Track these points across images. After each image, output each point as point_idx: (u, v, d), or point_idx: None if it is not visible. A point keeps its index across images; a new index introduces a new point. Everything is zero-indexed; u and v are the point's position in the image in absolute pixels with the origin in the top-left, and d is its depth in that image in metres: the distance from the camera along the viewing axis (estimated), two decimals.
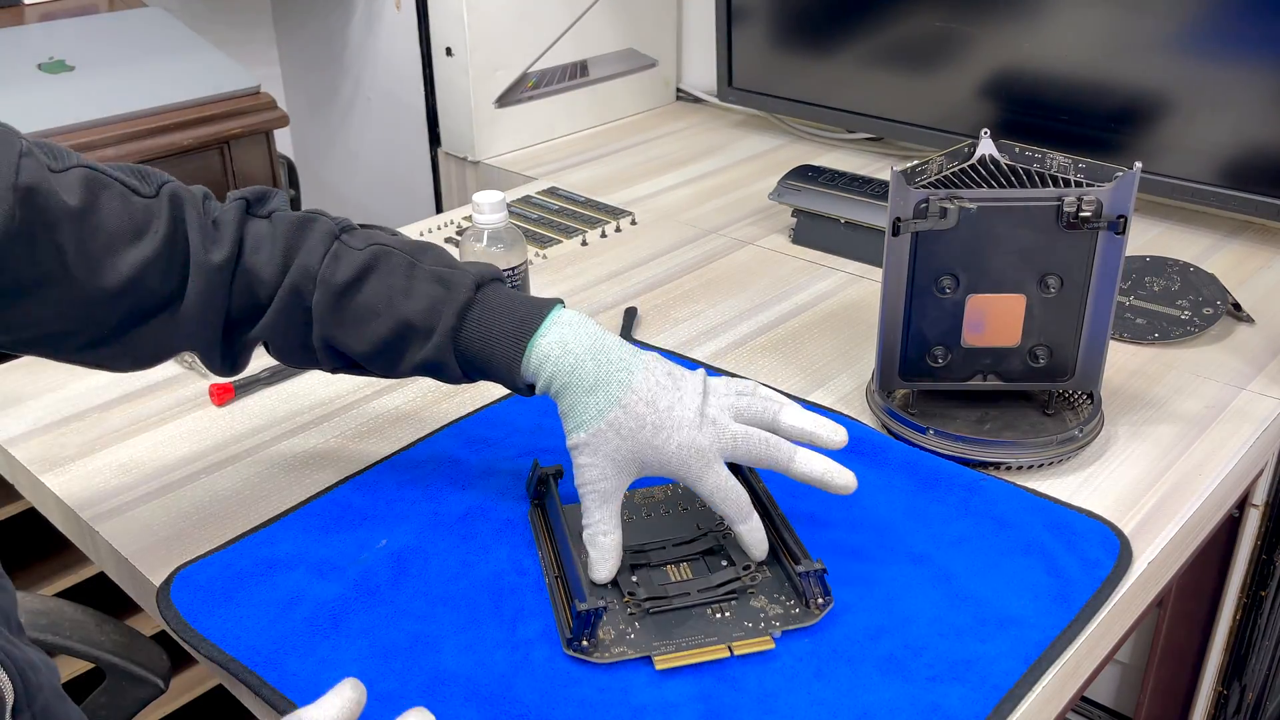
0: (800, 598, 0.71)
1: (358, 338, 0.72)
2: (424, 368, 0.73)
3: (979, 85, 1.36)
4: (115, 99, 1.29)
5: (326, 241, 0.72)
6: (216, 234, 0.71)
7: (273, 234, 0.72)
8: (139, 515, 0.82)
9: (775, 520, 0.74)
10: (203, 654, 0.69)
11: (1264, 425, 0.91)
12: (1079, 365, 0.86)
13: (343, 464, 0.87)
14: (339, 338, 0.72)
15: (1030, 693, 0.65)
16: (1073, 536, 0.77)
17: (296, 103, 1.93)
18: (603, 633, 0.68)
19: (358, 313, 0.72)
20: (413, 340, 0.72)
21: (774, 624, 0.69)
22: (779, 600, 0.71)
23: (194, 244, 0.70)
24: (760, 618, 0.70)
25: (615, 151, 1.60)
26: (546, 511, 0.78)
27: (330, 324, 0.72)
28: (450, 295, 0.71)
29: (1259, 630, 1.18)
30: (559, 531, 0.74)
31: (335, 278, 0.71)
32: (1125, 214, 0.80)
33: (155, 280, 0.69)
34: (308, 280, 0.71)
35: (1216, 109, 1.19)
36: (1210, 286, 1.08)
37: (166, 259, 0.69)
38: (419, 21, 1.55)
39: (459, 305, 0.71)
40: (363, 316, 0.72)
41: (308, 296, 0.72)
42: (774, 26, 1.55)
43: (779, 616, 0.70)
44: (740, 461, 0.71)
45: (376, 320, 0.71)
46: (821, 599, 0.70)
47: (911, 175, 0.84)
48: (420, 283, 0.72)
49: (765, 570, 0.73)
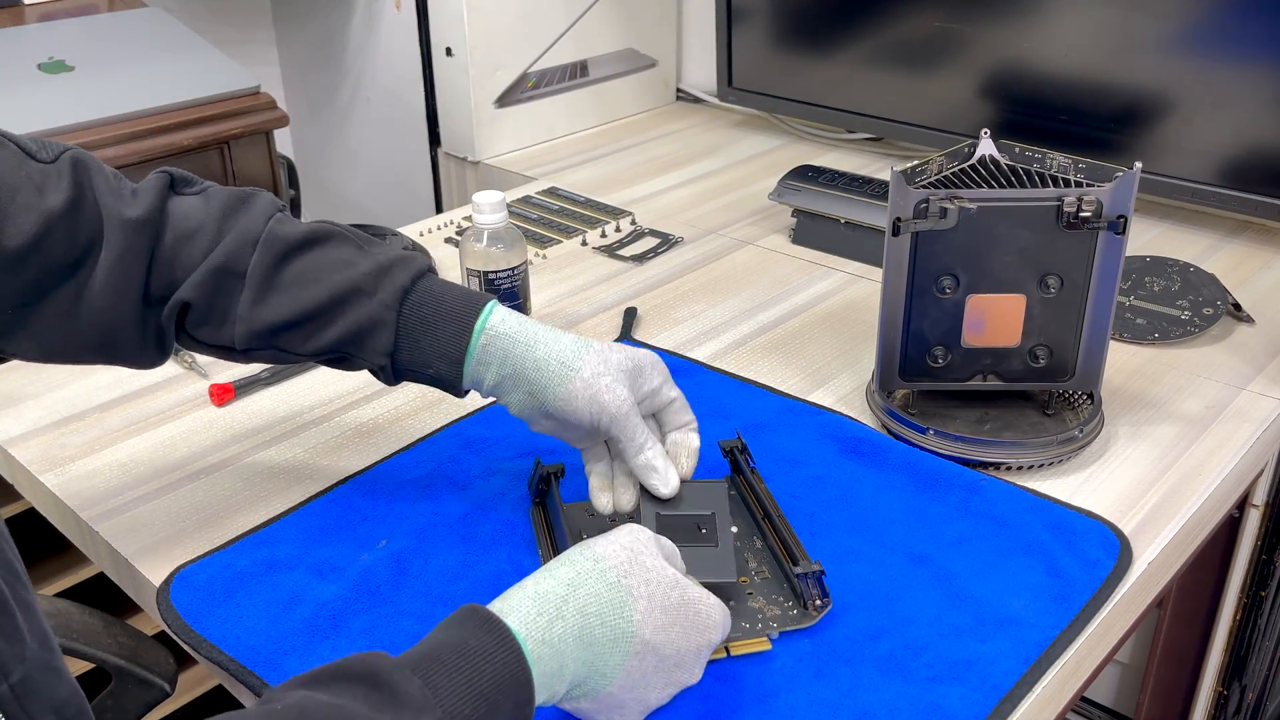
0: (798, 599, 0.71)
1: (290, 302, 0.70)
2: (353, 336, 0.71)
3: (979, 85, 1.36)
4: (115, 99, 1.29)
5: (270, 211, 0.72)
6: (134, 199, 0.70)
7: (206, 206, 0.72)
8: (139, 515, 0.82)
9: (775, 521, 0.74)
10: (202, 654, 0.69)
11: (1264, 425, 0.91)
12: (1079, 365, 0.86)
13: (343, 464, 0.87)
14: (269, 304, 0.70)
15: (1030, 693, 0.65)
16: (1073, 537, 0.77)
17: (296, 103, 1.93)
18: None
19: (296, 277, 0.71)
20: (351, 301, 0.70)
21: (771, 625, 0.69)
22: (777, 601, 0.71)
23: (106, 204, 0.69)
24: (758, 618, 0.69)
25: (615, 151, 1.60)
26: (548, 510, 0.78)
27: (262, 287, 0.70)
28: (403, 264, 0.72)
29: (1259, 630, 1.18)
30: (559, 530, 0.74)
31: (279, 243, 0.71)
32: (1125, 214, 0.80)
33: (60, 242, 0.67)
34: (246, 246, 0.70)
35: (1216, 109, 1.19)
36: (1210, 286, 1.08)
37: (72, 218, 0.67)
38: (419, 21, 1.55)
39: (414, 271, 0.72)
40: (300, 281, 0.71)
41: (244, 260, 0.70)
42: (774, 26, 1.55)
43: (776, 618, 0.70)
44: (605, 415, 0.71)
45: (314, 285, 0.71)
46: (820, 600, 0.70)
47: (911, 175, 0.84)
48: (368, 256, 0.72)
49: (764, 571, 0.73)
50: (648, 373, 0.74)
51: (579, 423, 0.71)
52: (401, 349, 0.71)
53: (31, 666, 0.49)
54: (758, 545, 0.76)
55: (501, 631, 0.55)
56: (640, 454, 0.72)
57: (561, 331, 0.73)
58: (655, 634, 0.59)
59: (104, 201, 0.69)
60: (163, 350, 0.74)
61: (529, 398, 0.72)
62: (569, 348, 0.71)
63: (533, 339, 0.71)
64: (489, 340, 0.71)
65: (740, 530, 0.77)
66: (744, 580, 0.73)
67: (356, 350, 0.71)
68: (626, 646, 0.58)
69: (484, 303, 0.72)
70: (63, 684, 0.50)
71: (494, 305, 0.72)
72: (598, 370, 0.71)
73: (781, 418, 0.91)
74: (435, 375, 0.72)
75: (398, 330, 0.71)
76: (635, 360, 0.73)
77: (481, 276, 0.99)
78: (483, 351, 0.71)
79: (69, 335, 0.70)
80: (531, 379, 0.71)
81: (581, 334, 1.06)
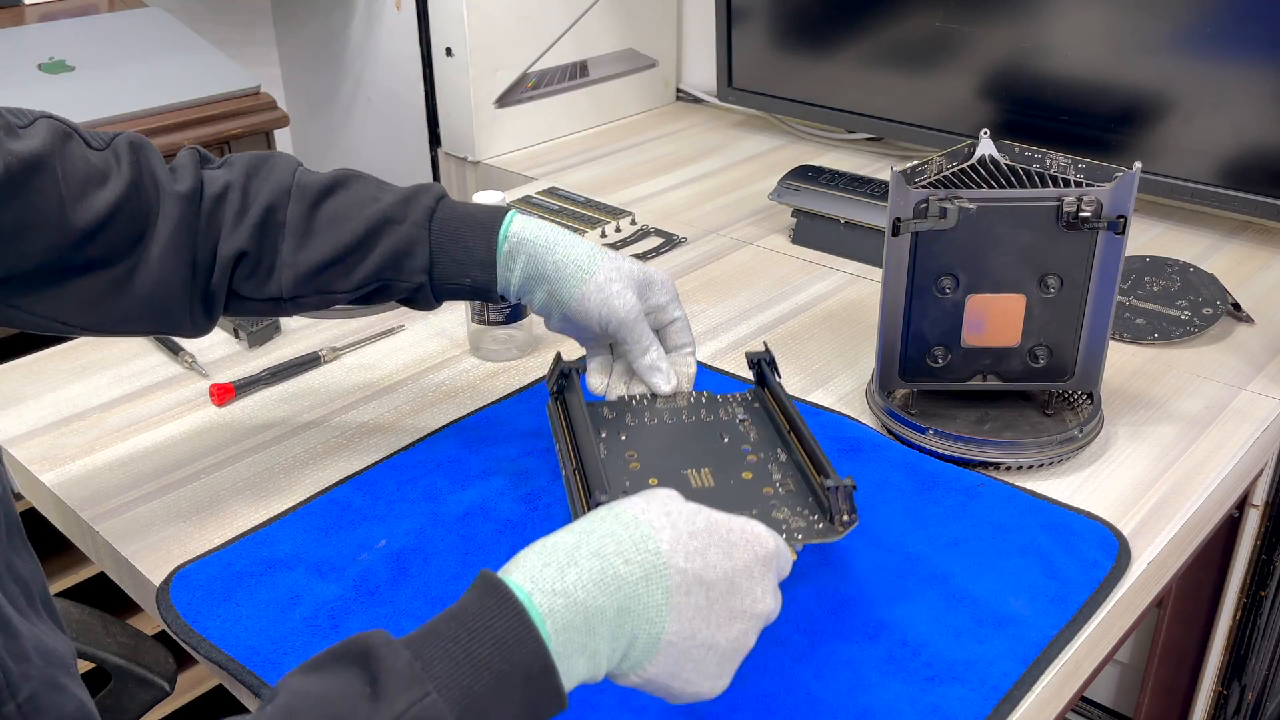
0: (825, 513, 0.68)
1: (330, 241, 0.76)
2: (391, 261, 0.76)
3: (979, 85, 1.36)
4: (115, 99, 1.29)
5: (292, 165, 0.79)
6: (177, 175, 0.76)
7: (230, 173, 0.77)
8: (139, 515, 0.82)
9: (802, 433, 0.74)
10: (202, 654, 0.69)
11: (1264, 425, 0.91)
12: (1079, 365, 0.86)
13: (342, 464, 0.87)
14: (310, 247, 0.76)
15: (1030, 693, 0.65)
16: (1071, 538, 0.77)
17: (296, 103, 1.93)
18: None
19: (331, 218, 0.77)
20: (385, 230, 0.76)
21: (796, 537, 0.67)
22: (801, 514, 0.69)
23: (162, 179, 0.74)
24: (782, 529, 0.67)
25: (615, 151, 1.60)
26: (567, 405, 0.79)
27: (302, 233, 0.76)
28: (424, 190, 0.78)
29: (1259, 630, 1.18)
30: (579, 425, 0.74)
31: (309, 190, 0.77)
32: (1125, 214, 0.80)
33: (126, 221, 0.72)
34: (281, 196, 0.76)
35: (1216, 109, 1.19)
36: (1210, 286, 1.08)
37: (135, 198, 0.72)
38: (419, 21, 1.55)
39: (435, 194, 0.78)
40: (335, 221, 0.77)
41: (282, 211, 0.76)
42: (774, 26, 1.55)
43: (801, 530, 0.67)
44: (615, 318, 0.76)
45: (349, 223, 0.76)
46: (847, 516, 0.67)
47: (911, 175, 0.84)
48: (390, 191, 0.78)
49: (790, 484, 0.72)
50: (656, 288, 0.79)
51: (589, 324, 0.77)
52: (437, 264, 0.77)
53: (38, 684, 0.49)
54: (782, 459, 0.75)
55: (502, 592, 0.50)
56: (645, 355, 0.78)
57: (579, 238, 0.78)
58: (691, 560, 0.53)
59: (160, 179, 0.74)
60: (210, 316, 0.78)
61: (548, 297, 0.78)
62: (585, 253, 0.77)
63: (552, 242, 0.77)
64: (513, 245, 0.77)
65: (763, 440, 0.76)
66: (768, 490, 0.71)
67: (395, 274, 0.77)
68: (663, 580, 0.52)
69: (504, 212, 0.78)
70: (68, 700, 0.50)
71: (514, 213, 0.78)
72: (610, 276, 0.76)
73: None
74: (473, 283, 0.77)
75: (431, 247, 0.76)
76: (646, 273, 0.79)
77: None
78: (507, 257, 0.77)
79: (127, 306, 0.74)
80: (551, 279, 0.77)
81: None
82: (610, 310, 0.76)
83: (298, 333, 1.08)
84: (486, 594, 0.50)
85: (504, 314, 1.00)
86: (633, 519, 0.53)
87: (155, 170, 0.74)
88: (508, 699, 0.48)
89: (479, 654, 0.48)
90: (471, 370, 1.01)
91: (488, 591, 0.50)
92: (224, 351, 1.05)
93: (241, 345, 1.05)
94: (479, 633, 0.48)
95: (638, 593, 0.51)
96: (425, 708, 0.46)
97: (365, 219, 0.76)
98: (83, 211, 0.69)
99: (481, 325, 1.01)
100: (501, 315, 1.00)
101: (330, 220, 0.77)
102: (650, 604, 0.52)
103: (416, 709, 0.46)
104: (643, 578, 0.52)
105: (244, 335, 1.05)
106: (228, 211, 0.76)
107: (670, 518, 0.54)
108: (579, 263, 0.77)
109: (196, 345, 1.05)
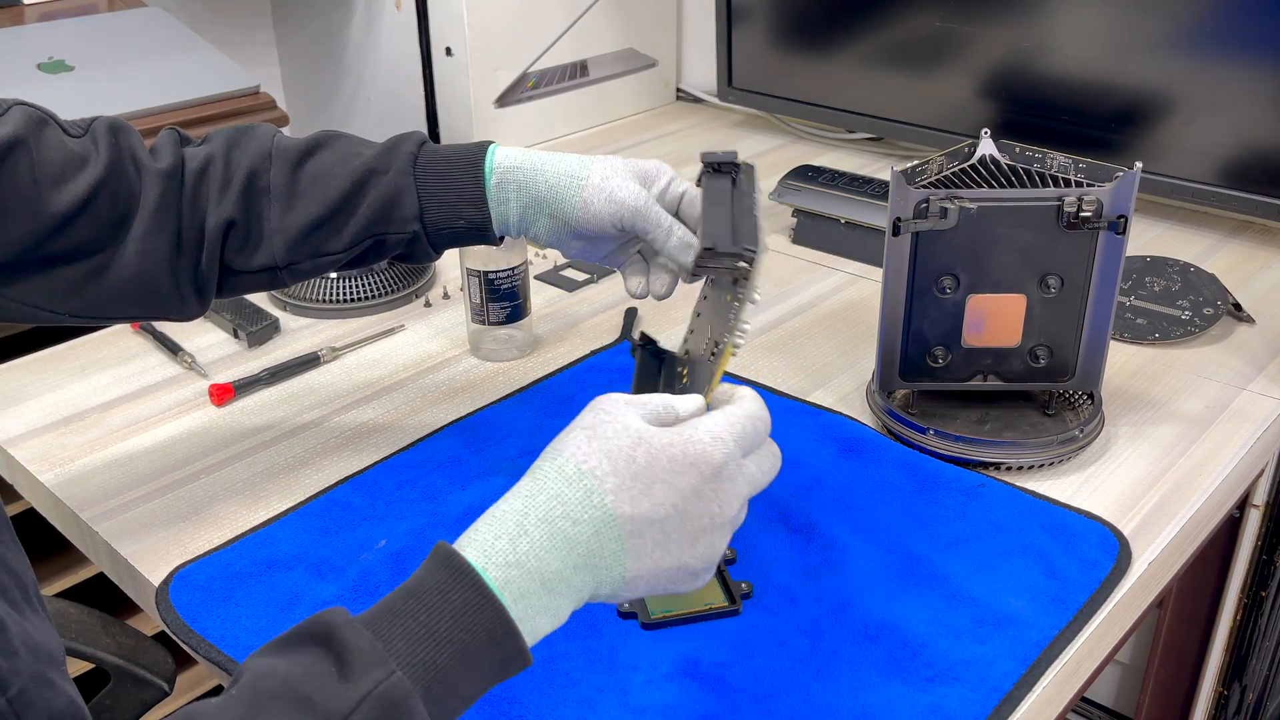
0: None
1: (317, 201, 0.75)
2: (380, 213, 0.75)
3: (979, 85, 1.36)
4: (115, 99, 1.29)
5: (270, 132, 0.77)
6: (157, 153, 0.75)
7: (211, 147, 0.76)
8: (138, 515, 0.82)
9: None
10: (201, 654, 0.69)
11: (1264, 425, 0.91)
12: (1079, 365, 0.86)
13: (342, 464, 0.87)
14: (298, 209, 0.75)
15: (1030, 693, 0.65)
16: (1071, 538, 0.77)
17: (296, 103, 1.93)
18: None
19: (314, 178, 0.75)
20: (370, 182, 0.75)
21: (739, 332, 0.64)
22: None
23: (143, 159, 0.73)
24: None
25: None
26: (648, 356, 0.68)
27: (288, 195, 0.75)
28: (405, 138, 0.76)
29: (1259, 631, 1.18)
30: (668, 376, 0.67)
31: (290, 153, 0.76)
32: (1125, 214, 0.80)
33: (106, 203, 0.71)
34: (263, 161, 0.75)
35: (1216, 109, 1.18)
36: (1210, 287, 1.08)
37: (115, 179, 0.71)
38: (419, 21, 1.55)
39: (416, 141, 0.76)
40: (319, 180, 0.75)
41: (264, 176, 0.75)
42: (774, 26, 1.55)
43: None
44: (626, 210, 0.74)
45: (333, 179, 0.75)
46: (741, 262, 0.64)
47: (911, 175, 0.83)
48: (371, 146, 0.77)
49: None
50: (654, 173, 0.77)
51: (602, 228, 0.75)
52: (427, 210, 0.75)
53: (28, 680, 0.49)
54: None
55: (457, 565, 0.51)
56: (671, 236, 0.75)
57: (563, 154, 0.77)
58: (637, 504, 0.53)
59: (141, 159, 0.73)
60: (202, 296, 0.76)
61: (552, 220, 0.76)
62: (574, 163, 0.76)
63: (539, 164, 0.76)
64: (501, 177, 0.75)
65: None
66: None
67: (387, 225, 0.75)
68: (614, 531, 0.53)
69: (486, 146, 0.76)
70: (58, 696, 0.50)
71: (495, 146, 0.76)
72: (606, 174, 0.75)
73: (781, 418, 0.91)
74: (467, 224, 0.75)
75: (419, 192, 0.75)
76: (641, 164, 0.77)
77: (481, 276, 0.99)
78: (499, 189, 0.75)
79: (112, 289, 0.73)
80: (548, 200, 0.75)
81: (581, 335, 1.07)
82: (618, 204, 0.74)
83: (297, 333, 1.08)
84: (442, 568, 0.51)
85: (504, 314, 1.00)
86: (575, 472, 0.53)
87: (135, 151, 0.73)
88: (473, 665, 0.49)
89: (439, 629, 0.49)
90: (471, 370, 1.01)
91: (444, 565, 0.51)
92: (223, 351, 1.05)
93: (241, 345, 1.05)
94: (437, 608, 0.49)
95: (591, 548, 0.53)
96: (390, 686, 0.47)
97: (349, 174, 0.75)
98: (61, 196, 0.69)
99: (481, 325, 1.01)
100: (502, 315, 1.00)
101: (314, 180, 0.75)
102: (606, 553, 0.53)
103: (383, 687, 0.47)
104: (593, 534, 0.53)
105: (243, 335, 1.05)
106: (211, 185, 0.74)
107: (611, 460, 0.53)
108: (571, 172, 0.75)
109: (196, 345, 1.05)
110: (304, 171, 0.75)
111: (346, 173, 0.75)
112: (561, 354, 1.03)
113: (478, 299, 1.00)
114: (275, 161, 0.75)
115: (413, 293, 1.14)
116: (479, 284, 0.99)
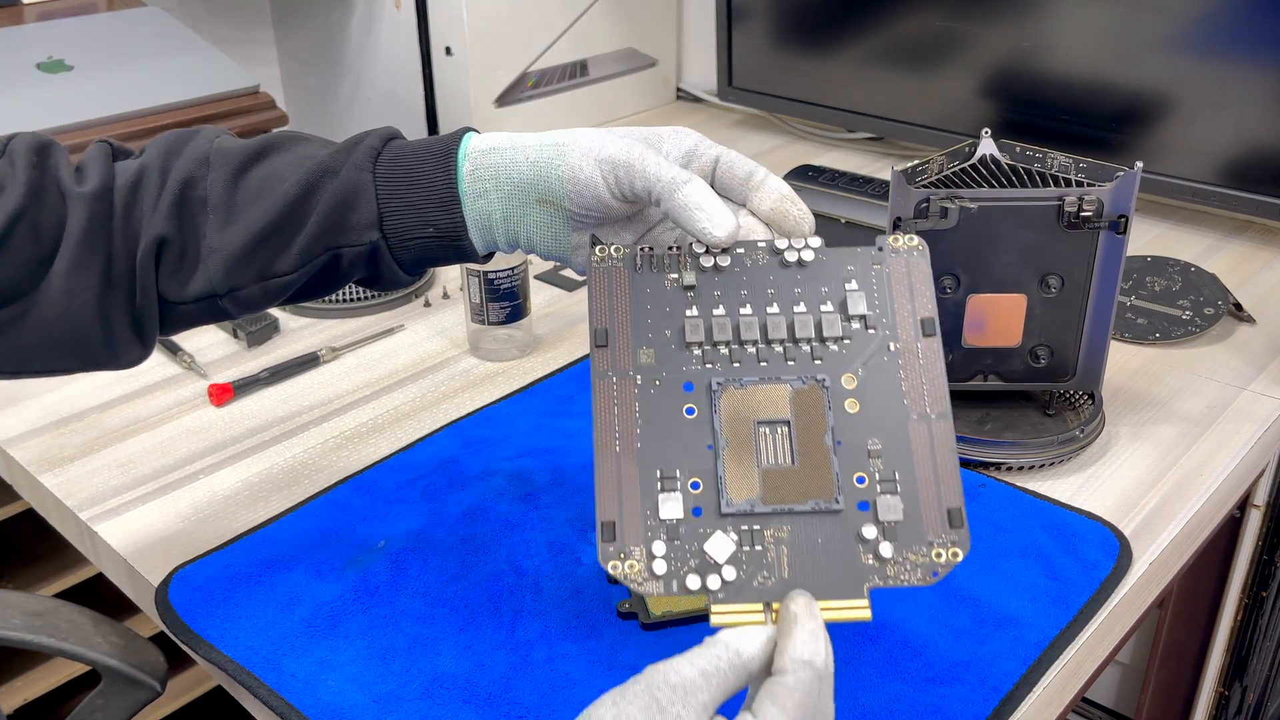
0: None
1: (261, 210, 0.61)
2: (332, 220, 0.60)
3: (979, 85, 1.36)
4: (114, 99, 1.29)
5: (215, 134, 0.64)
6: (83, 173, 0.62)
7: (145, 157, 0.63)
8: (138, 515, 0.82)
9: None
10: (200, 655, 0.69)
11: (1265, 425, 0.91)
12: (1080, 365, 0.86)
13: (342, 464, 0.87)
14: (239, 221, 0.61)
15: (1030, 694, 0.65)
16: (1071, 538, 0.77)
17: (296, 103, 1.93)
18: None
19: (260, 184, 0.61)
20: (321, 185, 0.60)
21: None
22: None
23: (66, 186, 0.61)
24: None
25: None
26: None
27: (227, 205, 0.61)
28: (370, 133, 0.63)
29: (1260, 631, 1.18)
30: None
31: (232, 156, 0.62)
32: (1126, 214, 0.80)
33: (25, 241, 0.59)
34: (200, 166, 0.62)
35: (1217, 109, 1.18)
36: (1211, 286, 1.08)
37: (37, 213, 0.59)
38: (419, 21, 1.55)
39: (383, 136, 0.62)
40: (265, 186, 0.61)
41: (201, 183, 0.61)
42: (774, 26, 1.54)
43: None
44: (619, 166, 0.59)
45: (282, 184, 0.61)
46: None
47: (912, 175, 0.83)
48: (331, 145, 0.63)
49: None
50: (670, 137, 0.61)
51: (599, 196, 0.59)
52: (388, 215, 0.60)
53: None
54: None
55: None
56: (676, 191, 0.57)
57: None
58: None
59: (64, 182, 0.61)
60: (143, 340, 0.64)
61: (542, 208, 0.60)
62: (563, 133, 0.60)
63: (519, 140, 0.61)
64: (476, 163, 0.60)
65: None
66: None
67: (340, 236, 0.60)
68: None
69: (461, 134, 0.62)
70: None
71: (472, 133, 0.62)
72: (598, 135, 0.59)
73: None
74: (436, 232, 0.61)
75: (377, 193, 0.60)
76: (653, 129, 0.62)
77: (481, 276, 0.99)
78: (474, 178, 0.60)
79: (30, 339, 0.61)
80: (532, 181, 0.59)
81: (581, 335, 1.06)
82: (608, 159, 0.58)
83: (297, 332, 1.08)
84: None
85: (504, 314, 1.00)
86: None
87: (59, 175, 0.61)
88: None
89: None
90: (471, 370, 1.01)
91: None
92: (223, 351, 1.05)
93: (240, 345, 1.05)
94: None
95: None
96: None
97: (299, 178, 0.60)
98: None
99: (481, 325, 1.01)
100: (501, 315, 1.00)
101: (260, 187, 0.61)
102: None
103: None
104: None
105: (243, 335, 1.05)
106: (145, 201, 0.61)
107: None
108: (556, 141, 0.60)
109: (195, 345, 1.04)
110: (249, 178, 0.61)
111: (297, 176, 0.60)
112: (561, 354, 1.03)
113: (477, 299, 1.00)
114: (215, 166, 0.61)
115: (412, 293, 1.14)
116: (478, 284, 0.99)
